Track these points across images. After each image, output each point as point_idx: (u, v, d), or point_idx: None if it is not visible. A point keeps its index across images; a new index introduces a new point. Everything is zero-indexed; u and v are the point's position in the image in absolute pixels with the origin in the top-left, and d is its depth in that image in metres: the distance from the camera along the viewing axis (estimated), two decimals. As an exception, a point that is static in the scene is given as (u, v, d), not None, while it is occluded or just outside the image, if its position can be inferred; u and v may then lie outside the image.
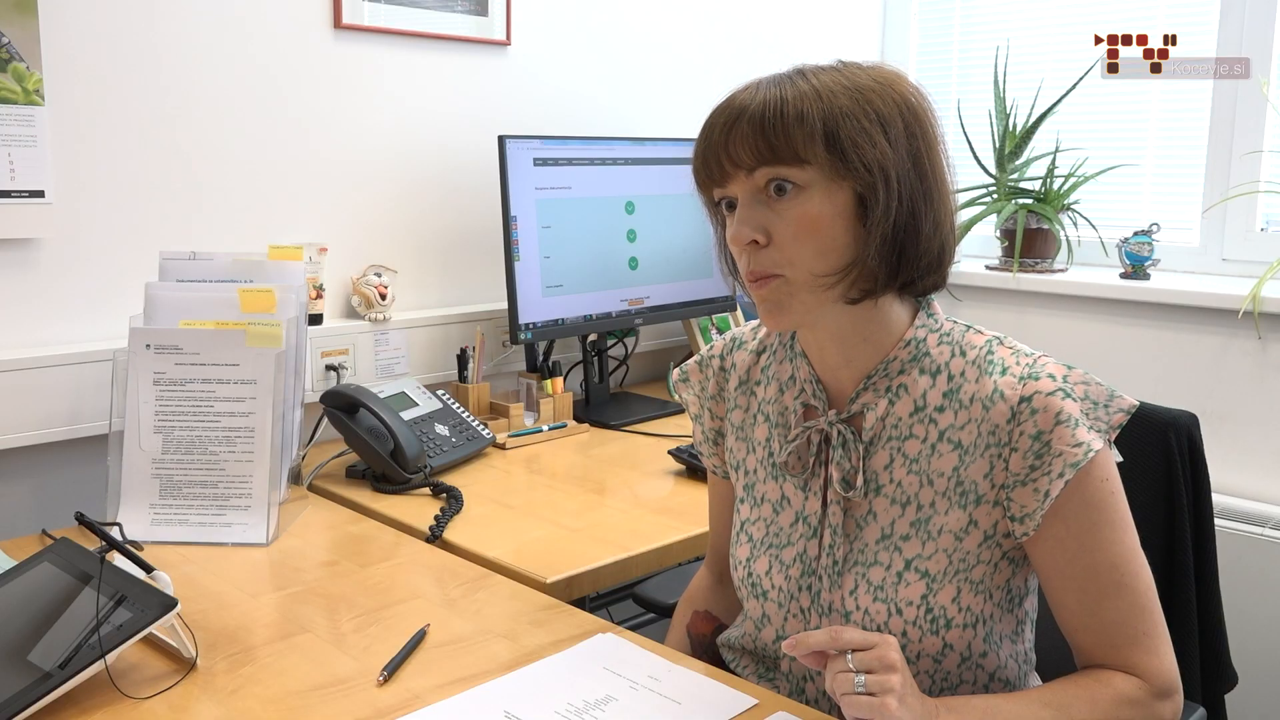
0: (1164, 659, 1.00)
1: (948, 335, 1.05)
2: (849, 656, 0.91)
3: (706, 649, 1.25)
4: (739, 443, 1.18)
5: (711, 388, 1.21)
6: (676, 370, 1.27)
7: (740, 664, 1.18)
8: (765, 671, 1.15)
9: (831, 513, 1.07)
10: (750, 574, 1.12)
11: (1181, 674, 1.02)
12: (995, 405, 1.00)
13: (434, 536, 1.47)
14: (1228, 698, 1.35)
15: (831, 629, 0.92)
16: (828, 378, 1.08)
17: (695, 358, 1.24)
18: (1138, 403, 1.01)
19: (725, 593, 1.28)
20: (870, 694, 0.89)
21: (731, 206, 1.02)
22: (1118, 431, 1.00)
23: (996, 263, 2.54)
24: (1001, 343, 1.04)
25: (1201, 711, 1.24)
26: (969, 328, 1.06)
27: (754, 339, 1.19)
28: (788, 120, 0.96)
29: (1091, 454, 0.97)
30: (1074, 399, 0.98)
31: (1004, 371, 1.01)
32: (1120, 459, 1.03)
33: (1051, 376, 0.99)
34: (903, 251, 0.99)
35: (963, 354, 1.04)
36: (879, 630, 1.03)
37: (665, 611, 1.44)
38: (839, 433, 1.06)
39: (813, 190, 0.97)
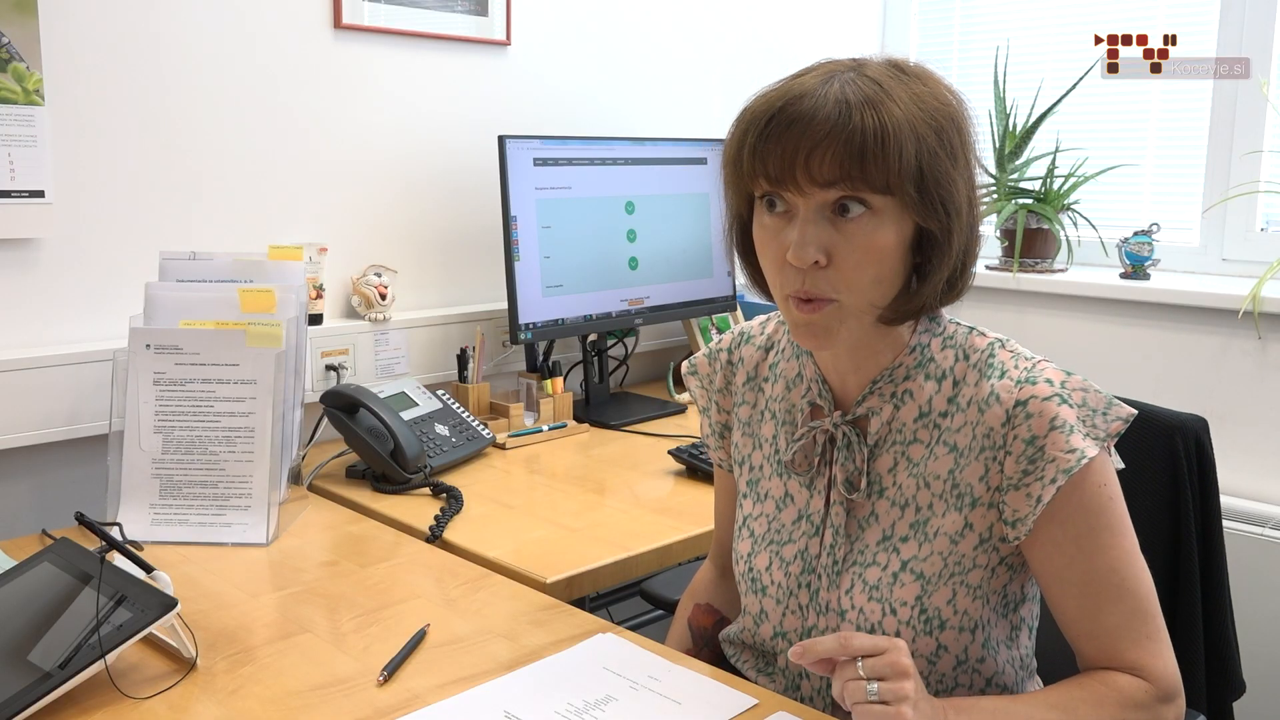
0: (1166, 662, 1.00)
1: (951, 338, 1.05)
2: (859, 663, 0.89)
3: (708, 642, 1.25)
4: (745, 438, 1.18)
5: (719, 381, 1.21)
6: (685, 363, 1.27)
7: (741, 659, 1.18)
8: (765, 667, 1.15)
9: (834, 512, 1.07)
10: (751, 569, 1.13)
11: (1187, 682, 1.02)
12: (991, 408, 1.00)
13: (434, 536, 1.47)
14: (1234, 705, 1.34)
15: (840, 635, 0.91)
16: (834, 380, 1.08)
17: (704, 350, 1.24)
18: (1136, 412, 1.00)
19: (728, 586, 1.29)
20: (884, 703, 0.87)
21: (772, 205, 0.98)
22: (1115, 439, 1.00)
23: (996, 263, 2.53)
24: (1003, 346, 1.04)
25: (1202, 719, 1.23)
26: (972, 330, 1.06)
27: (762, 334, 1.19)
28: (888, 149, 0.91)
29: (1085, 460, 0.96)
30: (1070, 405, 0.98)
31: (1002, 375, 1.01)
32: (1121, 465, 1.02)
33: (1049, 381, 0.99)
34: (952, 285, 1.01)
35: (966, 357, 1.04)
36: (873, 630, 1.03)
37: (673, 608, 1.44)
38: (844, 434, 1.06)
39: (885, 216, 0.95)
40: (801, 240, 0.94)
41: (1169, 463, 1.28)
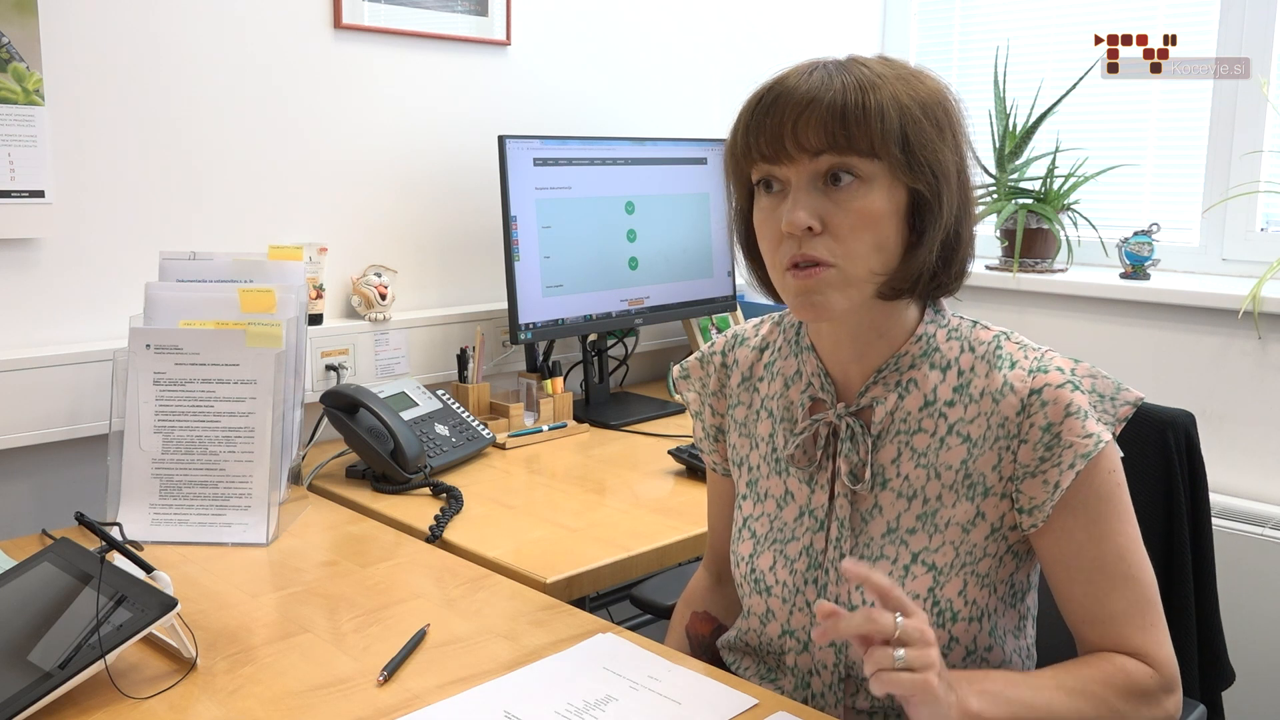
0: (1167, 651, 1.01)
1: (956, 330, 1.06)
2: (898, 618, 0.85)
3: (705, 650, 1.25)
4: (741, 439, 1.18)
5: (713, 384, 1.21)
6: (677, 367, 1.27)
7: (740, 665, 1.18)
8: (766, 672, 1.15)
9: (839, 506, 1.07)
10: (753, 570, 1.12)
11: (1180, 671, 1.03)
12: (1005, 398, 1.01)
13: (434, 536, 1.47)
14: (1225, 695, 1.35)
15: (866, 610, 0.86)
16: (837, 372, 1.09)
17: (696, 354, 1.24)
18: (1143, 395, 1.03)
19: (724, 593, 1.28)
20: (910, 669, 0.84)
21: (769, 187, 1.00)
22: (1124, 424, 1.01)
23: (996, 263, 2.53)
24: (1008, 338, 1.05)
25: (1201, 709, 1.24)
26: (975, 323, 1.07)
27: (756, 335, 1.19)
28: (869, 113, 0.95)
29: (1101, 445, 0.98)
30: (1082, 391, 1.00)
31: (1013, 365, 1.02)
32: (1121, 454, 1.03)
33: (1060, 369, 1.00)
34: (948, 258, 1.01)
35: (971, 349, 1.05)
36: None
37: (663, 613, 1.44)
38: (848, 425, 1.06)
39: (875, 184, 0.97)
40: (794, 206, 0.97)
41: (1161, 457, 1.30)
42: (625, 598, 1.63)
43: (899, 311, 1.05)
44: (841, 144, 0.95)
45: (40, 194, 1.59)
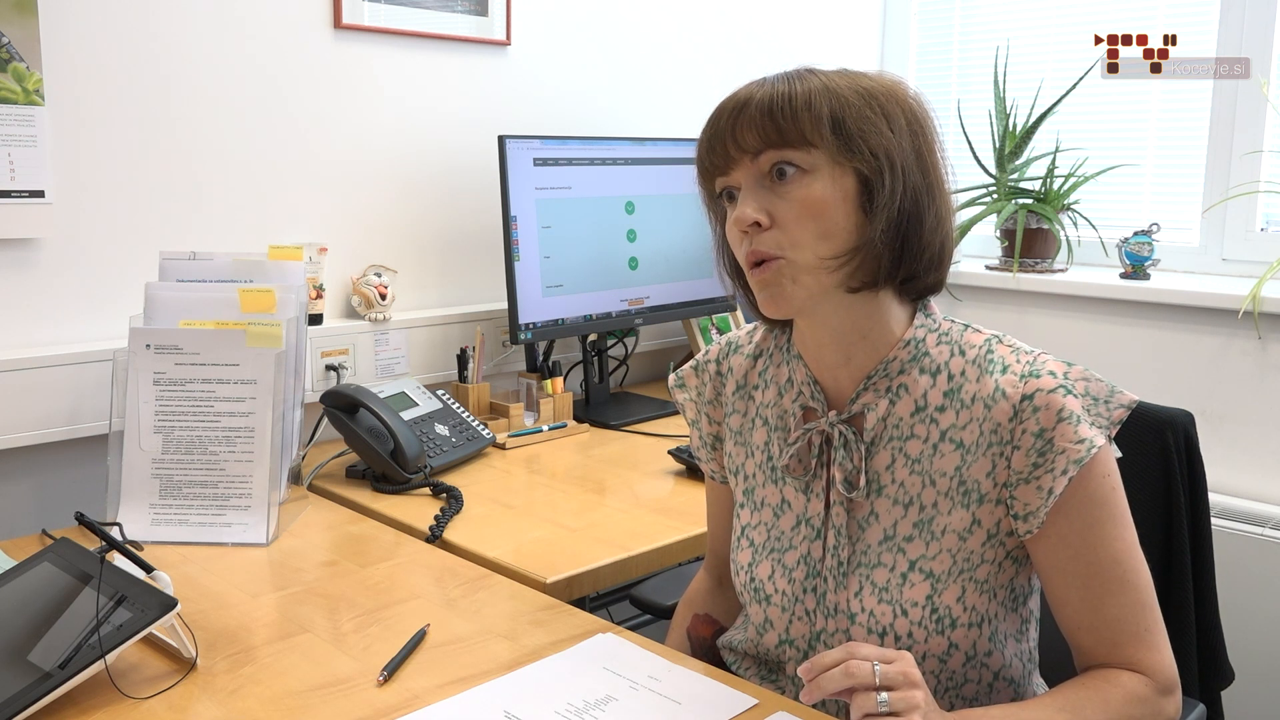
0: (1165, 655, 1.01)
1: (946, 335, 1.05)
2: (875, 666, 0.89)
3: (706, 651, 1.25)
4: (737, 447, 1.17)
5: (708, 392, 1.21)
6: (672, 375, 1.26)
7: (741, 666, 1.18)
8: (768, 674, 1.15)
9: (835, 514, 1.07)
10: (752, 579, 1.12)
11: (1181, 670, 1.03)
12: (997, 404, 1.00)
13: (434, 536, 1.47)
14: (1224, 695, 1.36)
15: (846, 645, 0.91)
16: (826, 379, 1.08)
17: (691, 362, 1.24)
18: (1138, 399, 1.02)
19: (724, 595, 1.28)
20: (895, 713, 0.87)
21: (732, 198, 1.02)
22: (1119, 427, 1.00)
23: (996, 263, 2.54)
24: (1001, 341, 1.05)
25: (1201, 708, 1.24)
26: (967, 327, 1.07)
27: (750, 343, 1.18)
28: (796, 104, 0.97)
29: (1094, 450, 0.97)
30: (1075, 395, 0.99)
31: (1005, 370, 1.01)
32: (1120, 454, 1.03)
33: (1052, 374, 0.99)
34: (906, 241, 1.00)
35: (962, 353, 1.04)
36: (885, 632, 1.03)
37: (662, 613, 1.44)
38: (840, 433, 1.06)
39: (817, 173, 0.98)
40: (740, 204, 1.00)
41: (1161, 457, 1.30)
42: (625, 598, 1.63)
43: (881, 312, 1.04)
44: (775, 139, 0.98)
45: (40, 194, 1.59)
